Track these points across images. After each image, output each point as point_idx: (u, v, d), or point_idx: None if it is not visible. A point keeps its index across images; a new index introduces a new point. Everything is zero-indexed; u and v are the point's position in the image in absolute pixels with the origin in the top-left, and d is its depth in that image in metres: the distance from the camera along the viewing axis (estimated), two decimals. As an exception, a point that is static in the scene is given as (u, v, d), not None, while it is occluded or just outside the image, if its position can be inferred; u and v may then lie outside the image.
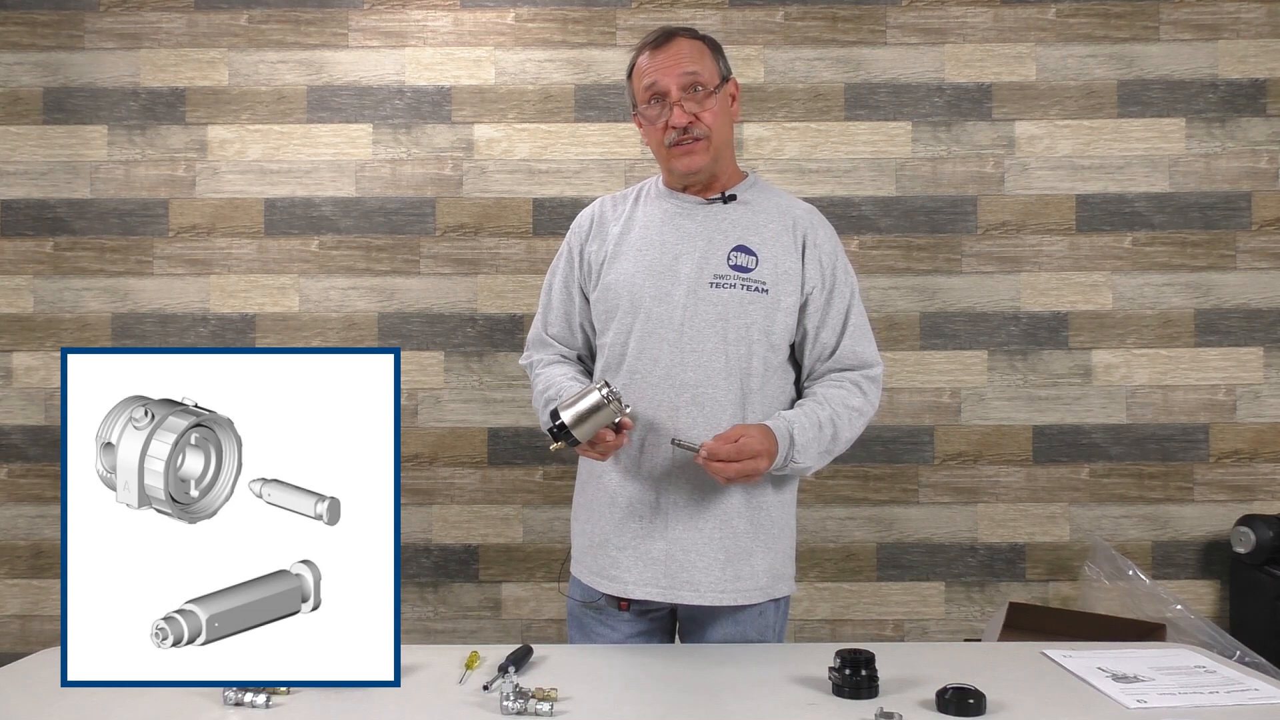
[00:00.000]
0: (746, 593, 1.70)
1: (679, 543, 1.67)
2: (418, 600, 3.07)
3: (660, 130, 1.70)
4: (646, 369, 1.68)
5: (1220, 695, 1.40)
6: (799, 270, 1.73)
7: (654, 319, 1.68)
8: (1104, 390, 3.08)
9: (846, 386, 1.74)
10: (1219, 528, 3.05)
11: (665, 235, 1.74)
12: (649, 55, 1.71)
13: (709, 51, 1.74)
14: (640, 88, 1.72)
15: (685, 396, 1.66)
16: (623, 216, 1.80)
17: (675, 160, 1.71)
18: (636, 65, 1.74)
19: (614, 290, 1.74)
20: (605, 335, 1.76)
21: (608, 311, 1.75)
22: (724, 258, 1.70)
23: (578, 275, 1.82)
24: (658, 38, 1.72)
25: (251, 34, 3.12)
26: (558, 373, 1.80)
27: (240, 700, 1.36)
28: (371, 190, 3.11)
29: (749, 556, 1.69)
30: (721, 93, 1.72)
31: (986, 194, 3.10)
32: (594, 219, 1.83)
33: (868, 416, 1.76)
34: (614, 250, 1.76)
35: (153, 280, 3.11)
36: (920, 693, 1.40)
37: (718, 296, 1.68)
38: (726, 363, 1.67)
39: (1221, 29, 3.08)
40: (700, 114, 1.68)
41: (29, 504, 3.10)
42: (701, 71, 1.69)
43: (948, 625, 3.07)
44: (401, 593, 1.90)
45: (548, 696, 1.35)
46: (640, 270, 1.72)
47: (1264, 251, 3.07)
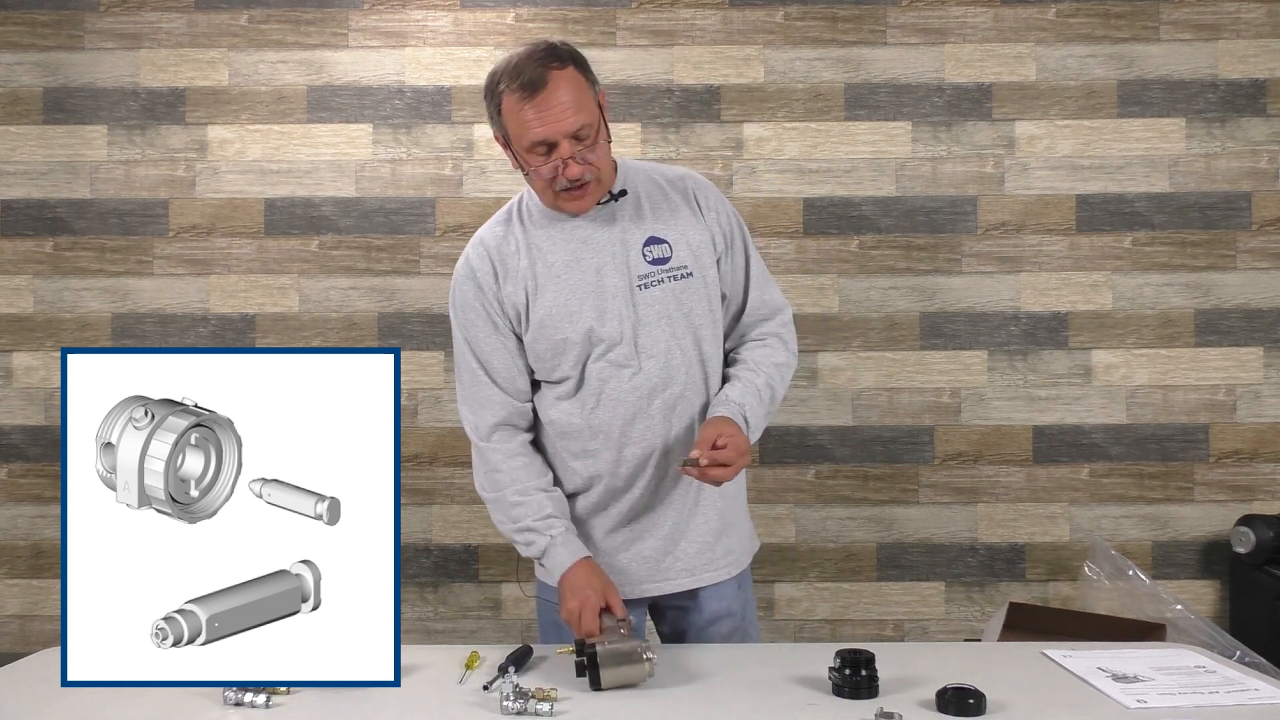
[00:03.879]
0: (738, 561, 1.77)
1: (669, 536, 1.71)
2: (418, 600, 3.07)
3: (548, 179, 1.61)
4: (611, 389, 1.66)
5: (1220, 695, 1.40)
6: (707, 237, 1.72)
7: (604, 338, 1.66)
8: (1104, 390, 3.08)
9: (770, 343, 1.77)
10: (1219, 528, 3.05)
11: (576, 252, 1.68)
12: (528, 104, 1.56)
13: (584, 81, 1.61)
14: (522, 138, 1.59)
15: (656, 402, 1.66)
16: (520, 247, 1.70)
17: (565, 204, 1.65)
18: (507, 106, 1.58)
19: (550, 323, 1.66)
20: (556, 370, 1.68)
21: (553, 347, 1.67)
22: (640, 255, 1.68)
23: (502, 321, 1.70)
24: (532, 79, 1.55)
25: (251, 34, 3.12)
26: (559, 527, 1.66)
27: (240, 700, 1.36)
28: (371, 190, 3.11)
29: (732, 529, 1.76)
30: (603, 125, 1.64)
31: (986, 194, 3.10)
32: (492, 259, 1.70)
33: (793, 367, 1.80)
34: (533, 284, 1.67)
35: (153, 280, 3.11)
36: (920, 693, 1.39)
37: (651, 297, 1.67)
38: (684, 356, 1.68)
39: (1221, 29, 3.08)
40: (591, 160, 1.60)
41: (29, 504, 3.10)
42: (588, 116, 1.58)
43: (948, 625, 3.07)
44: (401, 593, 1.90)
45: (548, 696, 1.35)
46: (570, 295, 1.66)
47: (1264, 251, 3.07)
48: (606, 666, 1.42)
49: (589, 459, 1.69)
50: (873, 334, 3.09)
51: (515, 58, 1.59)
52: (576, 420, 1.68)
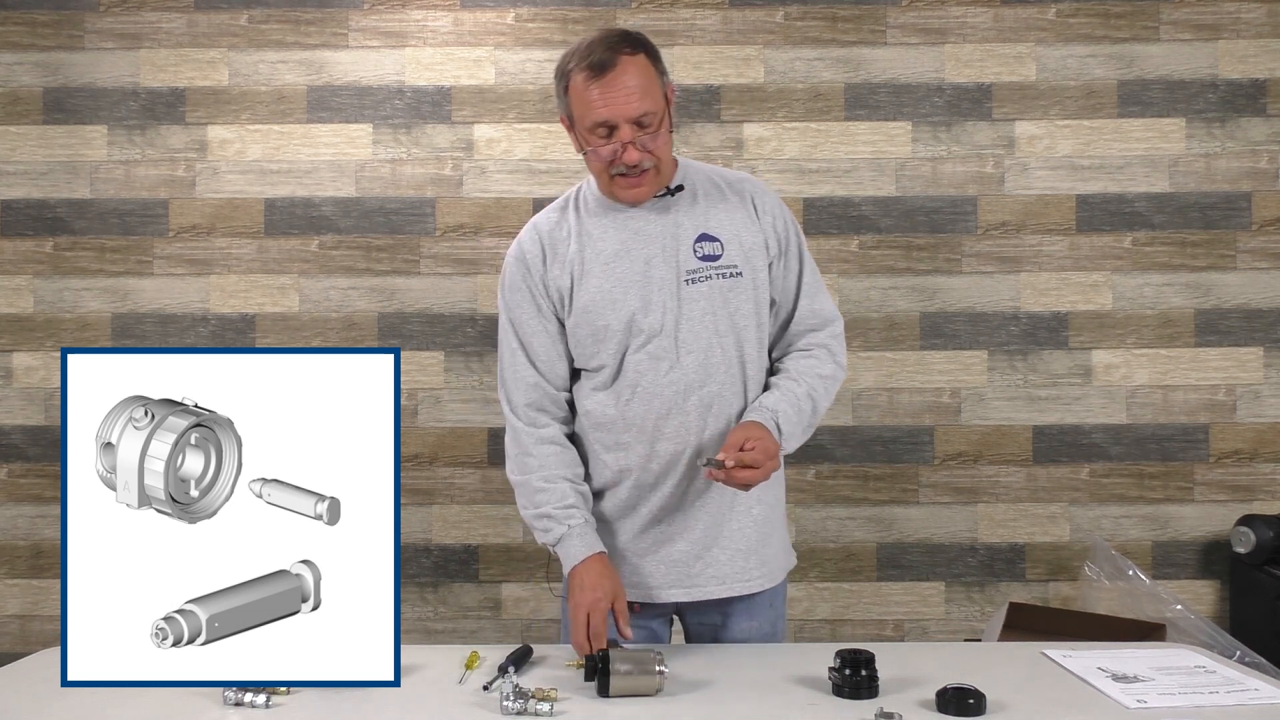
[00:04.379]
0: (773, 574, 1.73)
1: (701, 541, 1.68)
2: (418, 600, 3.07)
3: (606, 161, 1.62)
4: (649, 381, 1.66)
5: (1220, 695, 1.40)
6: (761, 241, 1.72)
7: (646, 330, 1.66)
8: (1104, 390, 3.08)
9: (816, 354, 1.74)
10: (1219, 528, 3.05)
11: (627, 243, 1.69)
12: (595, 84, 1.58)
13: (653, 70, 1.63)
14: (585, 118, 1.61)
15: (692, 399, 1.65)
16: (571, 233, 1.71)
17: (621, 191, 1.66)
18: (574, 86, 1.61)
19: (595, 310, 1.67)
20: (596, 358, 1.69)
21: (593, 334, 1.68)
22: (690, 251, 1.68)
23: (546, 304, 1.71)
24: (601, 60, 1.57)
25: (251, 34, 3.12)
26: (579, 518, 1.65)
27: (240, 700, 1.36)
28: (371, 190, 3.11)
29: (769, 539, 1.73)
30: (667, 117, 1.65)
31: (986, 194, 3.10)
32: (542, 243, 1.72)
33: (839, 380, 1.76)
34: (579, 270, 1.68)
35: (153, 280, 3.11)
36: (920, 693, 1.39)
37: (698, 292, 1.66)
38: (724, 355, 1.67)
39: (1221, 29, 3.08)
40: (651, 148, 1.61)
41: (29, 504, 3.10)
42: (652, 104, 1.59)
43: (948, 625, 3.07)
44: (401, 593, 1.90)
45: (548, 696, 1.35)
46: (615, 283, 1.67)
47: (1264, 251, 3.07)
48: (618, 674, 1.40)
49: (621, 451, 1.68)
50: (873, 334, 3.09)
51: (589, 39, 1.62)
52: (611, 411, 1.67)
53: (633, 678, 1.40)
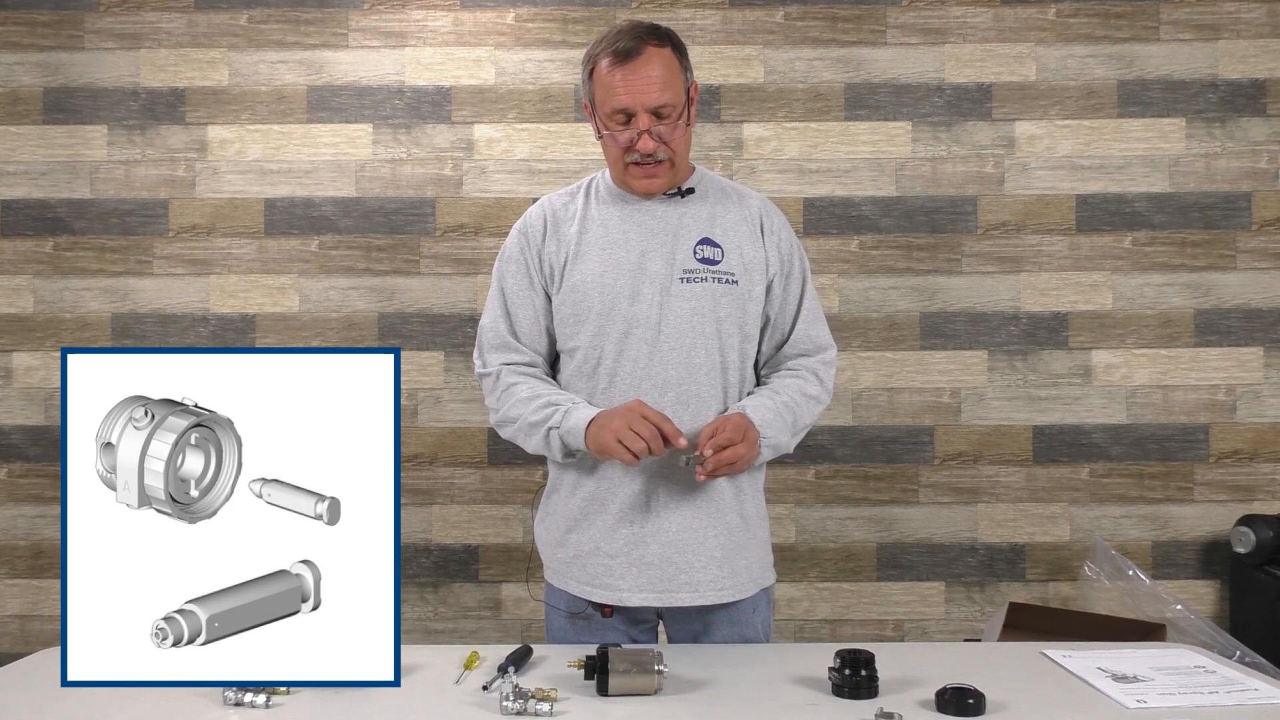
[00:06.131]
0: (743, 586, 1.71)
1: (674, 545, 1.66)
2: (418, 600, 3.07)
3: (622, 147, 1.65)
4: (627, 370, 1.66)
5: (1220, 695, 1.40)
6: (762, 257, 1.73)
7: (630, 319, 1.66)
8: (1104, 390, 3.08)
9: (803, 375, 1.76)
10: (1219, 528, 3.05)
11: (628, 233, 1.70)
12: (618, 70, 1.61)
13: (677, 64, 1.66)
14: (606, 103, 1.64)
15: (669, 396, 1.65)
16: (576, 215, 1.74)
17: (635, 180, 1.68)
18: (599, 71, 1.64)
19: (582, 291, 1.68)
20: (576, 339, 1.70)
21: (577, 315, 1.69)
22: (690, 251, 1.69)
23: (538, 278, 1.74)
24: (627, 48, 1.61)
25: (251, 34, 3.12)
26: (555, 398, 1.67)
27: (240, 700, 1.36)
28: (371, 190, 3.11)
29: (744, 550, 1.71)
30: (687, 112, 1.67)
31: (986, 194, 3.10)
32: (546, 218, 1.75)
33: (824, 404, 1.78)
34: (575, 250, 1.70)
35: (153, 280, 3.11)
36: (920, 693, 1.39)
37: (690, 291, 1.67)
38: (707, 357, 1.67)
39: (1221, 29, 3.08)
40: (667, 139, 1.64)
41: (29, 504, 3.10)
42: (672, 97, 1.62)
43: (948, 625, 3.07)
44: (401, 593, 1.90)
45: (547, 697, 1.35)
46: (608, 270, 1.68)
47: (1264, 251, 3.07)
48: (617, 673, 1.39)
49: None
50: (873, 334, 3.09)
51: (619, 28, 1.66)
52: (588, 397, 1.68)
53: (632, 677, 1.40)
